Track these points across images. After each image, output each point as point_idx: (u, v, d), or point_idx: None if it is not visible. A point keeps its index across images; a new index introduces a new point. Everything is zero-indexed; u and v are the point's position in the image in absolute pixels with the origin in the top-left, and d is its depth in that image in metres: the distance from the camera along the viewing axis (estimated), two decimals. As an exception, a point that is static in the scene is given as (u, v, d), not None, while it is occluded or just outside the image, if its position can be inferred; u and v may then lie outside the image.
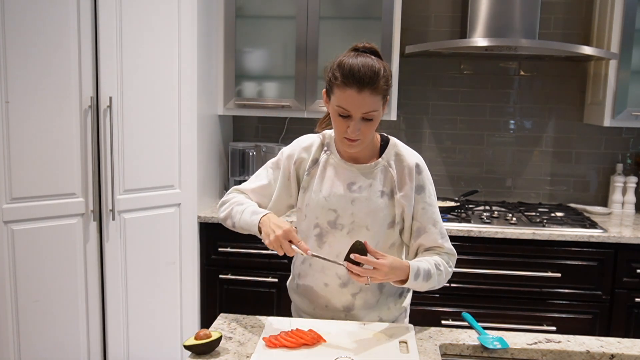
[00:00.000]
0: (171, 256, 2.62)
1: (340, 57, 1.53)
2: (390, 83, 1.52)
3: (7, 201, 2.16)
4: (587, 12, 3.10)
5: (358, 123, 1.49)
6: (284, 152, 1.69)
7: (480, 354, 1.50)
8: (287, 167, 1.66)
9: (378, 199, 1.59)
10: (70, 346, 2.36)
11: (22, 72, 2.13)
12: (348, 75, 1.46)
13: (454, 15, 3.16)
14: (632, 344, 1.52)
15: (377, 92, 1.47)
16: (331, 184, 1.61)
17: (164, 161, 2.55)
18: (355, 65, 1.46)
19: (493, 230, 2.64)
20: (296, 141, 1.70)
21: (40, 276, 2.26)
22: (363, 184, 1.60)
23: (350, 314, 1.66)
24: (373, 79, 1.46)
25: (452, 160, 3.28)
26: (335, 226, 1.60)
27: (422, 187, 1.61)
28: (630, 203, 3.10)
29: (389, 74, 1.52)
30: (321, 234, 1.62)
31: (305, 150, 1.66)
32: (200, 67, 2.69)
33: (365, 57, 1.50)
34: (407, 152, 1.64)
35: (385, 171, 1.61)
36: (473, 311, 2.55)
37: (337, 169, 1.62)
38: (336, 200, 1.60)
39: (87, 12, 2.24)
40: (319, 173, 1.63)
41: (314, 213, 1.62)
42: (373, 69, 1.47)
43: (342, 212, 1.59)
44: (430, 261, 1.56)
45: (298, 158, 1.65)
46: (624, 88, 2.81)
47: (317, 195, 1.61)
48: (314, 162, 1.64)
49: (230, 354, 1.42)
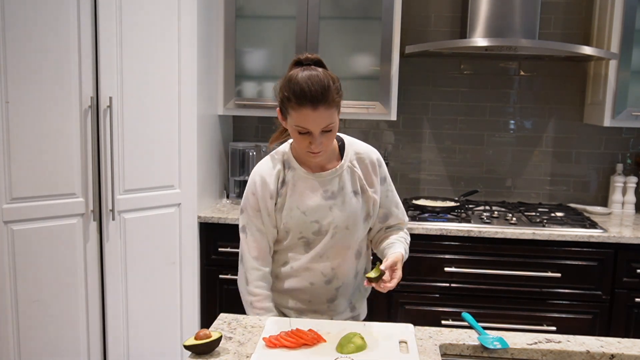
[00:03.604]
0: (171, 256, 2.62)
1: (288, 75, 1.56)
2: (340, 92, 1.56)
3: (7, 201, 2.16)
4: (587, 12, 3.10)
5: (319, 137, 1.54)
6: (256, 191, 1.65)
7: (480, 354, 1.50)
8: (265, 207, 1.65)
9: (352, 199, 1.66)
10: (70, 346, 2.36)
11: (22, 72, 2.13)
12: (300, 95, 1.50)
13: (454, 15, 3.16)
14: (632, 344, 1.52)
15: (332, 106, 1.52)
16: (306, 197, 1.64)
17: (164, 161, 2.55)
18: (305, 84, 1.50)
19: (493, 230, 2.64)
20: (258, 172, 1.67)
21: (40, 276, 2.26)
22: (335, 189, 1.65)
23: (333, 304, 1.74)
24: (325, 95, 1.50)
25: (452, 160, 3.28)
26: (320, 233, 1.67)
27: (384, 177, 1.74)
28: (630, 203, 3.10)
29: (338, 84, 1.56)
30: (307, 242, 1.68)
31: (272, 177, 1.65)
32: (200, 67, 2.69)
33: (311, 70, 1.54)
34: (366, 150, 1.72)
35: (351, 172, 1.68)
36: (473, 311, 2.55)
37: (306, 182, 1.65)
38: (315, 212, 1.64)
39: (87, 12, 2.24)
40: (290, 191, 1.65)
41: (298, 229, 1.65)
42: (323, 84, 1.51)
43: (323, 221, 1.65)
44: (401, 240, 1.74)
45: (270, 191, 1.64)
46: (624, 88, 2.81)
47: (296, 213, 1.64)
48: (282, 183, 1.65)
49: (230, 354, 1.42)
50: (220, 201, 3.14)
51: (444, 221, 2.73)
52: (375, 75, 2.89)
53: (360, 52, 2.92)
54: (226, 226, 2.78)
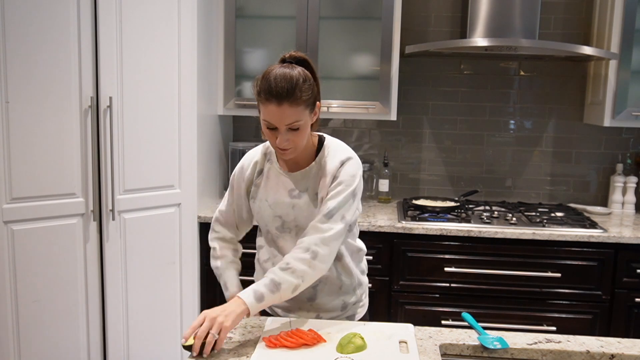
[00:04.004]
0: (171, 256, 2.62)
1: (265, 71, 1.58)
2: (312, 91, 1.56)
3: (7, 201, 2.16)
4: (587, 12, 3.10)
5: (285, 134, 1.55)
6: (235, 174, 1.79)
7: (480, 354, 1.50)
8: (238, 187, 1.78)
9: (315, 201, 1.65)
10: (70, 346, 2.36)
11: (22, 72, 2.13)
12: (267, 91, 1.52)
13: (454, 15, 3.17)
14: (632, 344, 1.52)
15: (297, 103, 1.52)
16: (274, 192, 1.69)
17: (164, 161, 2.55)
18: (273, 79, 1.52)
19: (493, 230, 2.64)
20: (243, 158, 1.80)
21: (40, 276, 2.26)
22: (301, 189, 1.67)
23: (314, 302, 1.73)
24: (290, 92, 1.51)
25: (452, 160, 3.28)
26: (284, 230, 1.69)
27: (336, 177, 1.61)
28: (630, 203, 3.10)
29: (310, 83, 1.56)
30: (273, 238, 1.73)
31: (250, 165, 1.75)
32: (200, 67, 2.69)
33: (286, 67, 1.55)
34: (336, 151, 1.66)
35: (318, 174, 1.65)
36: (473, 311, 2.55)
37: (278, 177, 1.70)
38: (279, 208, 1.68)
39: (87, 12, 2.24)
40: (264, 183, 1.72)
41: (264, 220, 1.72)
42: (290, 81, 1.51)
43: (286, 218, 1.68)
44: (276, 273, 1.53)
45: (245, 176, 1.75)
46: (624, 88, 2.81)
47: (264, 204, 1.71)
48: (260, 173, 1.74)
49: (230, 354, 1.42)
50: (220, 201, 3.14)
51: (444, 221, 2.73)
52: (375, 75, 2.89)
53: (360, 52, 2.92)
54: (226, 226, 2.78)
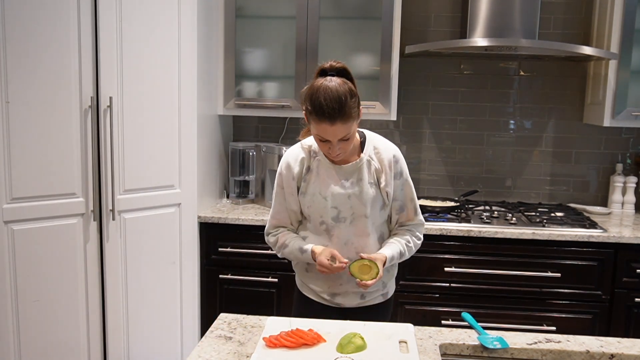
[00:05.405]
0: (171, 256, 2.62)
1: (311, 86, 1.70)
2: (357, 101, 1.70)
3: (7, 201, 2.16)
4: (587, 12, 3.10)
5: (337, 144, 1.70)
6: (281, 174, 1.86)
7: (480, 354, 1.51)
8: (288, 185, 1.85)
9: (369, 189, 1.81)
10: (70, 346, 2.36)
11: (22, 72, 2.13)
12: (319, 112, 1.64)
13: (454, 15, 3.16)
14: (632, 344, 1.52)
15: (348, 120, 1.66)
16: (327, 185, 1.81)
17: (164, 161, 2.55)
18: (323, 100, 1.62)
19: (493, 230, 2.64)
20: (286, 156, 1.87)
21: (40, 276, 2.26)
22: (354, 180, 1.81)
23: None
24: (341, 111, 1.63)
25: (452, 160, 3.28)
26: (339, 220, 1.82)
27: (400, 172, 1.85)
28: (630, 203, 3.10)
29: (356, 95, 1.69)
30: (328, 228, 1.83)
31: (297, 162, 1.84)
32: (200, 67, 2.69)
33: (331, 83, 1.64)
34: (384, 146, 1.86)
35: (369, 165, 1.82)
36: (473, 311, 2.55)
37: (329, 171, 1.81)
38: (335, 199, 1.80)
39: (87, 12, 2.24)
40: (314, 178, 1.82)
41: (318, 212, 1.83)
42: (340, 100, 1.63)
43: (342, 208, 1.81)
44: (401, 242, 1.86)
45: (294, 173, 1.83)
46: (624, 88, 2.81)
47: (318, 198, 1.81)
48: (308, 170, 1.83)
49: (231, 354, 1.42)
50: (220, 201, 3.15)
51: (444, 221, 2.73)
52: (375, 75, 2.89)
53: (360, 52, 2.92)
54: (226, 226, 2.78)
